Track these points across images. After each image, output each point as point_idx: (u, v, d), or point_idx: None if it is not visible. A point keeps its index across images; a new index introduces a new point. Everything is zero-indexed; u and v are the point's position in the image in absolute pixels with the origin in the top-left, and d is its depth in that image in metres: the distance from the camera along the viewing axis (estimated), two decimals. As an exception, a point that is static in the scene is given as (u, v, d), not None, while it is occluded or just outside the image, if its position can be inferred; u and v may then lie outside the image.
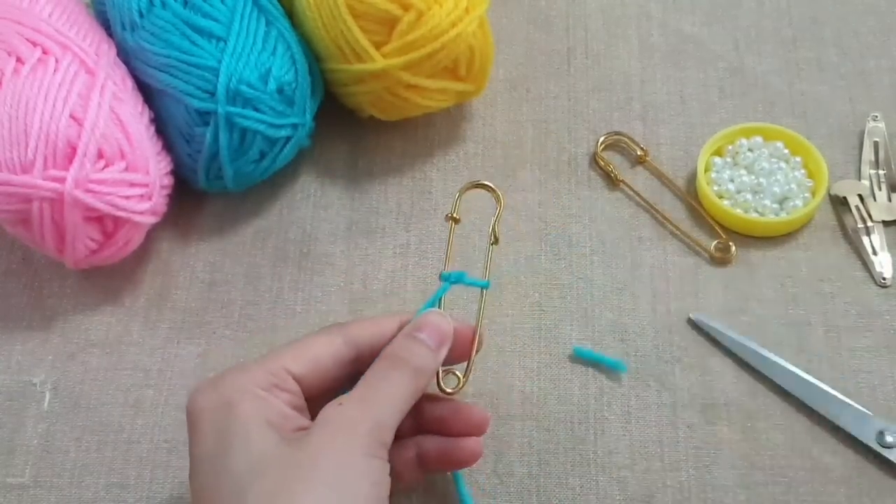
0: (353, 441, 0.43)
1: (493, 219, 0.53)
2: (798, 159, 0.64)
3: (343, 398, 0.45)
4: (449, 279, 0.52)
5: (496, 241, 0.53)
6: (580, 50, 0.71)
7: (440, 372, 0.51)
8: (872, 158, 0.65)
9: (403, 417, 0.46)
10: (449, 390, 0.51)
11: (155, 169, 0.59)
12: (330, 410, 0.44)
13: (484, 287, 0.53)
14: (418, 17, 0.60)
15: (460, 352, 0.51)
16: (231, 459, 0.42)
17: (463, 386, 0.51)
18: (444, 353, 0.49)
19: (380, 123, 0.67)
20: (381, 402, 0.45)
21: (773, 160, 0.63)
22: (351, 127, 0.68)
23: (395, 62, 0.60)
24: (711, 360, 0.58)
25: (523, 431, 0.56)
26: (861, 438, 0.54)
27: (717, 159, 0.64)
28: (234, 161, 0.61)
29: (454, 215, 0.53)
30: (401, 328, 0.49)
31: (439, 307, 0.51)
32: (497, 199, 0.53)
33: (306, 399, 0.47)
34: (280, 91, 0.60)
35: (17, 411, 0.58)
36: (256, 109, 0.59)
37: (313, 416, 0.45)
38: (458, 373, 0.52)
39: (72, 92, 0.57)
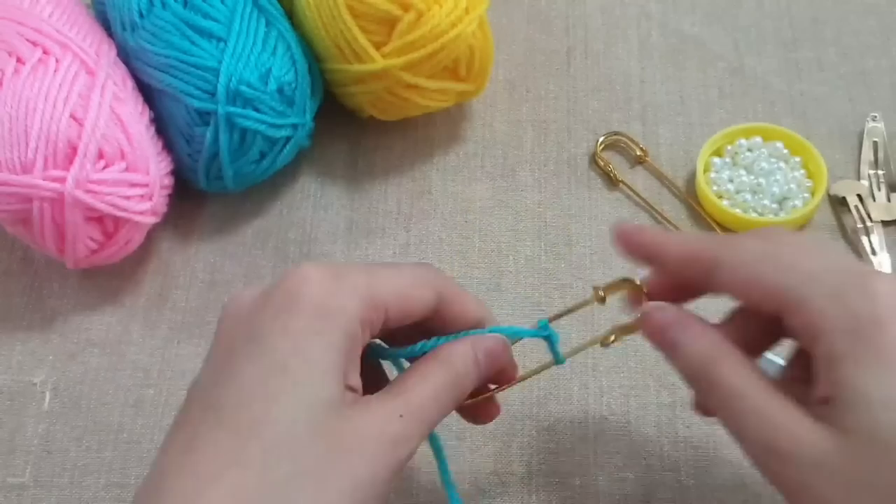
0: (392, 467, 0.39)
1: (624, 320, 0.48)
2: (797, 159, 0.64)
3: (402, 407, 0.41)
4: (546, 333, 0.48)
5: (612, 341, 0.48)
6: (580, 50, 0.71)
7: None
8: (872, 158, 0.65)
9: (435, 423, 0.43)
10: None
11: (155, 169, 0.59)
12: (387, 421, 0.40)
13: (558, 362, 0.48)
14: (418, 17, 0.60)
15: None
16: (285, 396, 0.38)
17: None
18: (484, 379, 0.45)
19: (380, 123, 0.67)
20: (427, 425, 0.42)
21: (772, 160, 0.64)
22: (351, 127, 0.68)
23: (394, 62, 0.60)
24: (711, 360, 0.58)
25: (523, 431, 0.56)
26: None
27: (717, 159, 0.64)
28: (235, 161, 0.61)
29: (601, 293, 0.48)
30: (476, 325, 0.45)
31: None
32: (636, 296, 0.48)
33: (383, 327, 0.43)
34: (280, 91, 0.60)
35: (17, 411, 0.58)
36: (256, 109, 0.59)
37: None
38: None
39: (72, 92, 0.57)
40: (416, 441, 0.40)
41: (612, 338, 0.47)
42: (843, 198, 0.63)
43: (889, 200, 0.63)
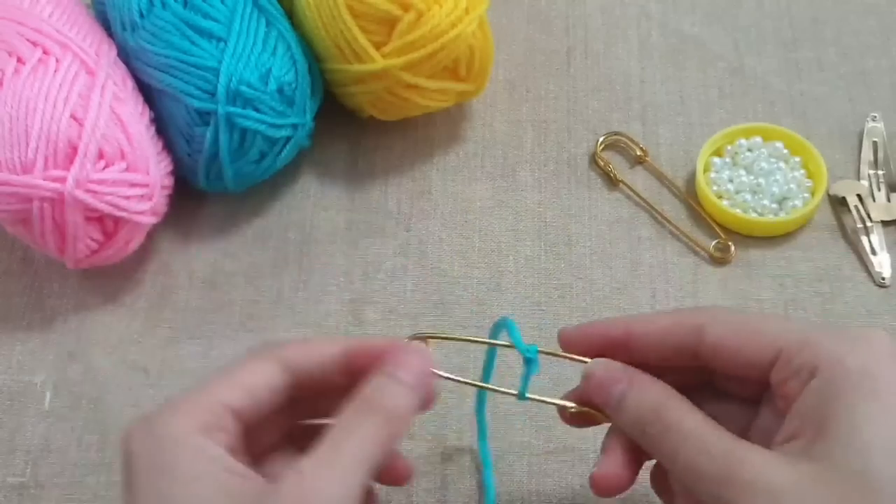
0: None
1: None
2: (797, 159, 0.64)
3: (304, 462, 0.38)
4: (530, 355, 0.45)
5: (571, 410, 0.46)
6: (580, 50, 0.71)
7: None
8: (872, 158, 0.65)
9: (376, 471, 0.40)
10: None
11: (155, 169, 0.59)
12: (289, 485, 0.37)
13: (520, 397, 0.46)
14: (418, 17, 0.60)
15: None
16: None
17: None
18: (423, 393, 0.42)
19: (380, 123, 0.67)
20: (347, 464, 0.38)
21: (772, 160, 0.64)
22: (351, 127, 0.68)
23: (394, 62, 0.60)
24: (711, 360, 0.58)
25: (523, 431, 0.56)
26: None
27: (717, 159, 0.64)
28: (235, 161, 0.61)
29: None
30: (344, 354, 0.43)
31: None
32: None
33: (244, 422, 0.42)
34: (280, 91, 0.60)
35: (17, 411, 0.58)
36: (256, 110, 0.59)
37: (247, 450, 0.42)
38: None
39: (72, 92, 0.57)
40: (335, 487, 0.38)
41: (572, 408, 0.46)
42: (843, 198, 0.63)
43: (889, 200, 0.63)
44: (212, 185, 0.63)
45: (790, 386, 0.39)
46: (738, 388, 0.43)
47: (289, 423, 0.45)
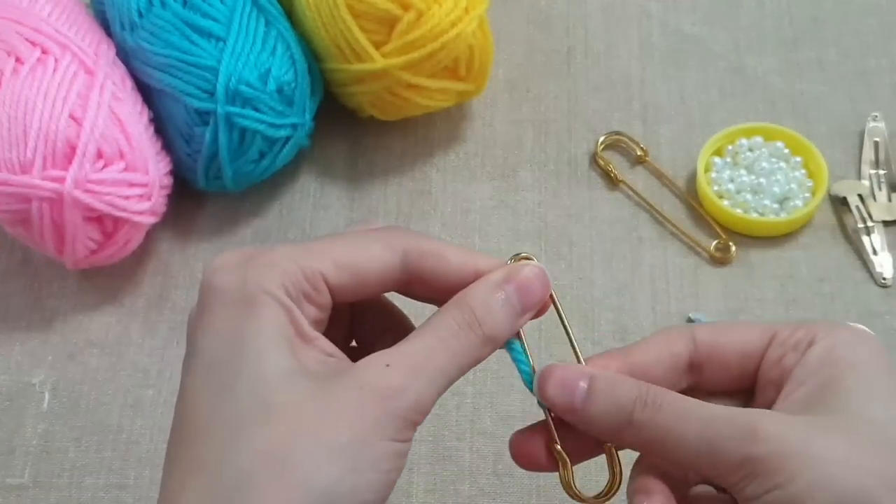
0: (384, 422, 0.36)
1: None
2: (798, 159, 0.64)
3: (394, 356, 0.37)
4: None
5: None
6: (580, 50, 0.71)
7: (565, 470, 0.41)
8: (873, 158, 0.65)
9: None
10: (590, 497, 0.41)
11: (154, 169, 0.59)
12: (371, 373, 0.36)
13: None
14: (418, 16, 0.60)
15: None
16: (238, 382, 0.35)
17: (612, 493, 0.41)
18: (525, 321, 0.40)
19: (380, 123, 0.66)
20: (433, 375, 0.37)
21: (773, 160, 0.63)
22: (351, 127, 0.68)
23: (394, 62, 0.60)
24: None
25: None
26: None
27: (718, 159, 0.64)
28: (234, 161, 0.61)
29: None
30: (475, 277, 0.40)
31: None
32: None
33: (336, 300, 0.39)
34: (280, 91, 0.60)
35: (16, 411, 0.58)
36: (256, 109, 0.59)
37: (338, 320, 0.40)
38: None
39: (71, 92, 0.56)
40: (413, 392, 0.36)
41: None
42: (844, 198, 0.63)
43: (890, 200, 0.63)
44: (211, 184, 0.62)
45: (787, 359, 0.39)
46: (725, 384, 0.42)
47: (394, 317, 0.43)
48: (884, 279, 0.60)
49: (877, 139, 0.65)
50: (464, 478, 0.54)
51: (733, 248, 0.61)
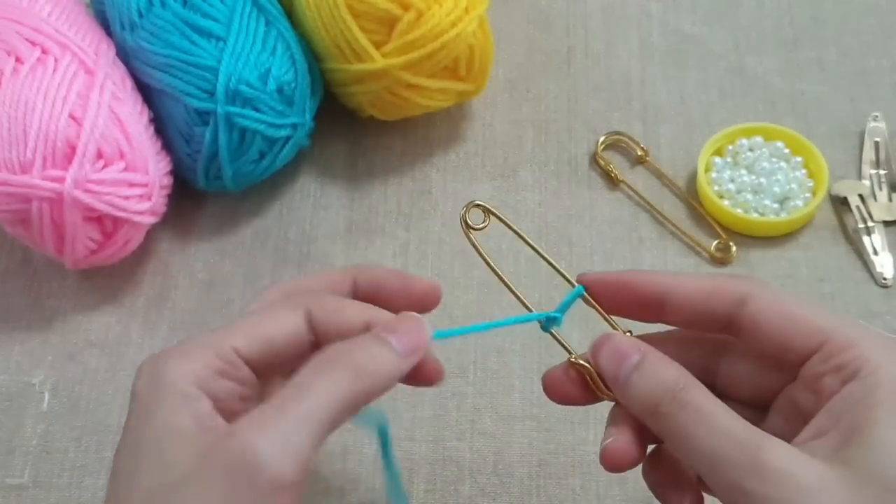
0: (253, 476, 0.35)
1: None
2: (798, 159, 0.64)
3: (242, 421, 0.36)
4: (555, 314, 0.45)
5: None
6: (580, 50, 0.71)
7: None
8: (873, 158, 0.65)
9: (333, 428, 0.37)
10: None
11: (154, 169, 0.59)
12: (221, 443, 0.36)
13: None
14: (418, 16, 0.60)
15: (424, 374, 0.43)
16: (141, 474, 0.37)
17: None
18: (412, 362, 0.40)
19: (380, 123, 0.66)
20: (291, 424, 0.36)
21: (773, 160, 0.63)
22: (351, 127, 0.68)
23: (394, 62, 0.60)
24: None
25: (523, 431, 0.56)
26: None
27: (718, 159, 0.64)
28: (234, 161, 0.60)
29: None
30: (369, 326, 0.41)
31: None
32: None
33: (261, 379, 0.40)
34: (280, 91, 0.60)
35: (16, 412, 0.57)
36: (256, 109, 0.59)
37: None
38: None
39: (71, 92, 0.56)
40: (271, 455, 0.35)
41: (576, 360, 0.43)
42: (845, 197, 0.63)
43: (891, 200, 0.63)
44: (211, 184, 0.62)
45: (827, 382, 0.37)
46: (747, 391, 0.42)
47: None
48: (884, 279, 0.60)
49: (877, 139, 0.65)
50: (464, 478, 0.54)
51: (734, 248, 0.61)
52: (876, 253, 0.61)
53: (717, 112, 0.68)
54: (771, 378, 0.41)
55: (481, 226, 0.45)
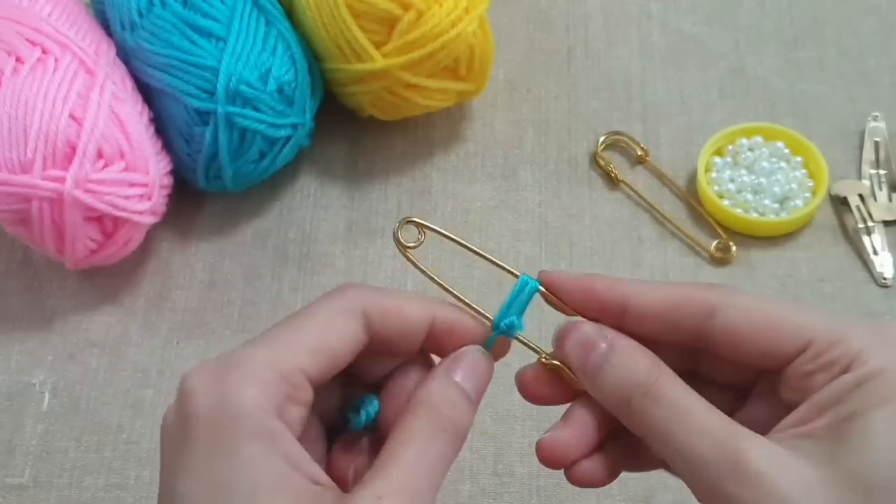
0: None
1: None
2: (798, 159, 0.64)
3: (380, 487, 0.34)
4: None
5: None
6: (580, 50, 0.71)
7: None
8: (873, 158, 0.65)
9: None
10: None
11: (154, 169, 0.59)
12: (357, 493, 0.34)
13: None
14: (418, 16, 0.60)
15: None
16: None
17: None
18: (479, 404, 0.39)
19: (380, 123, 0.66)
20: (425, 494, 0.35)
21: (773, 160, 0.63)
22: (351, 127, 0.68)
23: (394, 62, 0.60)
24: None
25: (523, 431, 0.56)
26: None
27: (718, 159, 0.64)
28: (234, 161, 0.60)
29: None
30: (431, 326, 0.39)
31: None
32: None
33: (316, 388, 0.37)
34: (280, 91, 0.60)
35: (16, 412, 0.57)
36: (256, 109, 0.59)
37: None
38: None
39: (71, 91, 0.56)
40: None
41: (546, 358, 0.41)
42: (845, 197, 0.63)
43: (891, 200, 0.63)
44: (211, 184, 0.62)
45: (816, 379, 0.35)
46: (729, 376, 0.39)
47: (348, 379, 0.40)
48: (884, 279, 0.60)
49: (877, 139, 0.65)
50: (464, 478, 0.54)
51: (734, 248, 0.61)
52: (876, 253, 0.61)
53: (717, 112, 0.68)
54: (752, 370, 0.38)
55: (415, 244, 0.42)
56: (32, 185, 0.55)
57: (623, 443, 0.38)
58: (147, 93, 0.61)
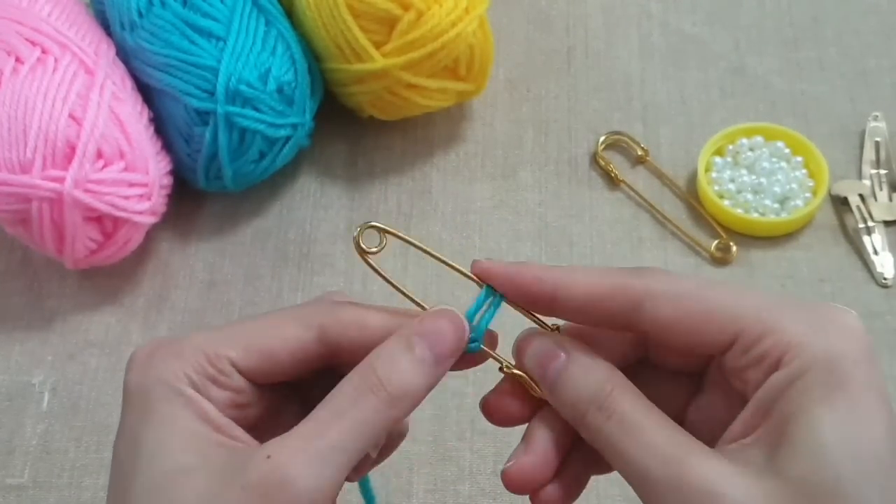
0: None
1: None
2: (799, 159, 0.64)
3: (275, 443, 0.34)
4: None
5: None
6: (580, 49, 0.71)
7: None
8: (873, 158, 0.65)
9: (364, 454, 0.36)
10: None
11: (154, 169, 0.59)
12: (252, 468, 0.34)
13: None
14: (418, 16, 0.60)
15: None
16: (134, 487, 0.35)
17: None
18: (444, 369, 0.37)
19: (380, 123, 0.66)
20: (326, 455, 0.34)
21: (773, 160, 0.63)
22: (351, 127, 0.67)
23: (394, 62, 0.60)
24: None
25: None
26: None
27: (718, 159, 0.64)
28: (234, 161, 0.60)
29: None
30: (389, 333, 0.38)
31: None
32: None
33: (259, 385, 0.38)
34: (280, 91, 0.60)
35: (16, 412, 0.57)
36: (256, 109, 0.59)
37: (268, 404, 0.39)
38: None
39: (71, 91, 0.56)
40: (302, 482, 0.33)
41: (507, 367, 0.39)
42: (845, 197, 0.63)
43: (891, 200, 0.63)
44: (211, 184, 0.62)
45: (750, 375, 0.34)
46: (677, 364, 0.38)
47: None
48: (884, 279, 0.60)
49: (877, 139, 0.65)
50: (464, 478, 0.54)
51: (734, 248, 0.61)
52: (876, 253, 0.61)
53: (717, 112, 0.68)
54: (694, 360, 0.38)
55: (376, 249, 0.40)
56: (32, 185, 0.55)
57: (588, 447, 0.38)
58: (147, 93, 0.61)
